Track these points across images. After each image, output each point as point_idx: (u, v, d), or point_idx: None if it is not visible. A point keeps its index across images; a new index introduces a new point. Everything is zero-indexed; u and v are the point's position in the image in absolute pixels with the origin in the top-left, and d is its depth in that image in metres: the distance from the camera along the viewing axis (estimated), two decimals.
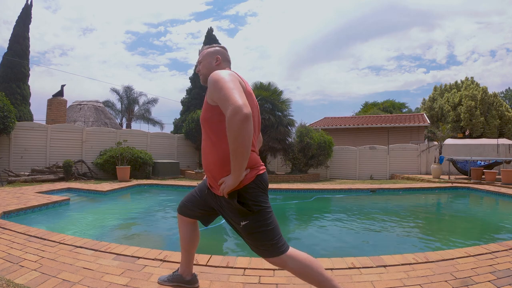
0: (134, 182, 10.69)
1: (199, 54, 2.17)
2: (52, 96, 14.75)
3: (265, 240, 1.87)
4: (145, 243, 4.54)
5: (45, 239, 3.67)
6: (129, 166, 11.74)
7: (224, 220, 2.19)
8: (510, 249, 3.43)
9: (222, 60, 2.12)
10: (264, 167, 2.00)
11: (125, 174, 11.29)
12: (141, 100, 29.83)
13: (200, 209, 2.24)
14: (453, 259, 3.07)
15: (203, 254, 3.23)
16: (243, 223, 1.87)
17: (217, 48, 2.14)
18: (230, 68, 2.14)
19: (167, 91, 65.59)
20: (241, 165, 1.69)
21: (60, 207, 6.30)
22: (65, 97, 15.14)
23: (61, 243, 3.55)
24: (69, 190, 8.46)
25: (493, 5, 64.95)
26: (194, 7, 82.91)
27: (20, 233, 3.90)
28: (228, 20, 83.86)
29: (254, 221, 1.86)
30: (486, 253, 3.26)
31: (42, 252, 3.27)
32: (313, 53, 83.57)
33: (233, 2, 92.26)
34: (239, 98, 1.63)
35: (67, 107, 15.78)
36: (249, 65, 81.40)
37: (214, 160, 1.92)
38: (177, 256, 3.17)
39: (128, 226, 5.68)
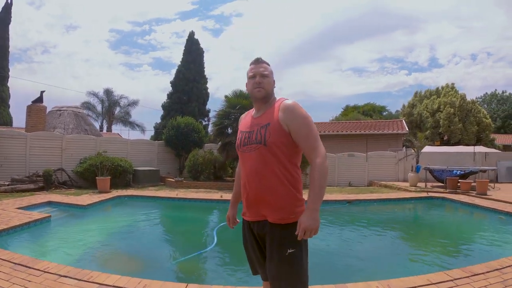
0: (114, 193, 10.68)
1: (259, 63, 1.98)
2: (32, 102, 14.47)
3: (301, 276, 1.85)
4: (125, 266, 4.70)
5: (30, 267, 3.74)
6: (109, 177, 11.63)
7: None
8: (472, 275, 3.57)
9: None
10: None
11: (105, 185, 11.23)
12: (122, 102, 29.60)
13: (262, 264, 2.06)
14: (415, 287, 3.30)
15: (180, 283, 3.41)
16: (290, 250, 1.82)
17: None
18: None
19: (149, 90, 64.94)
20: (320, 203, 1.82)
21: (42, 225, 6.33)
22: (45, 101, 14.84)
23: (46, 272, 3.63)
24: (49, 204, 8.42)
25: (475, 10, 67.06)
26: (180, 6, 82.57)
27: (5, 260, 3.96)
28: (213, 20, 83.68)
29: (300, 249, 1.85)
30: (447, 281, 3.43)
31: (28, 282, 3.35)
32: (298, 55, 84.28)
33: (219, 2, 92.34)
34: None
35: (47, 112, 15.52)
36: (233, 65, 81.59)
37: (283, 189, 1.86)
38: (155, 284, 3.35)
39: (109, 246, 5.82)
